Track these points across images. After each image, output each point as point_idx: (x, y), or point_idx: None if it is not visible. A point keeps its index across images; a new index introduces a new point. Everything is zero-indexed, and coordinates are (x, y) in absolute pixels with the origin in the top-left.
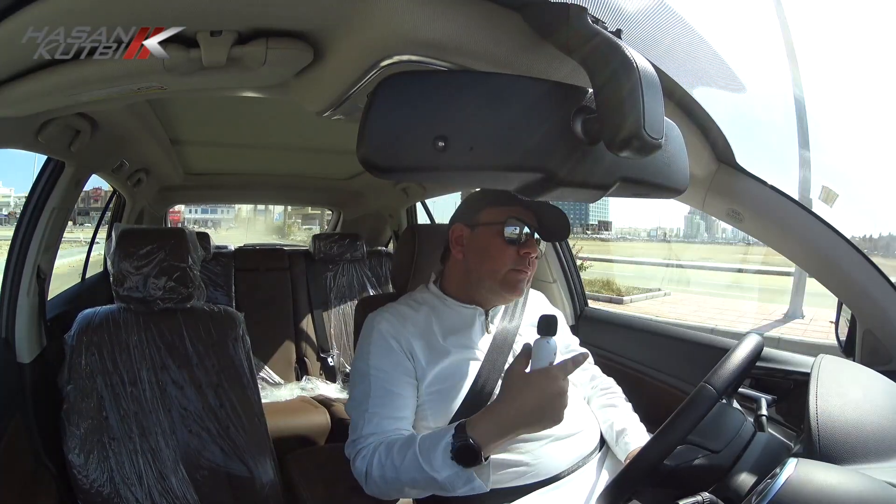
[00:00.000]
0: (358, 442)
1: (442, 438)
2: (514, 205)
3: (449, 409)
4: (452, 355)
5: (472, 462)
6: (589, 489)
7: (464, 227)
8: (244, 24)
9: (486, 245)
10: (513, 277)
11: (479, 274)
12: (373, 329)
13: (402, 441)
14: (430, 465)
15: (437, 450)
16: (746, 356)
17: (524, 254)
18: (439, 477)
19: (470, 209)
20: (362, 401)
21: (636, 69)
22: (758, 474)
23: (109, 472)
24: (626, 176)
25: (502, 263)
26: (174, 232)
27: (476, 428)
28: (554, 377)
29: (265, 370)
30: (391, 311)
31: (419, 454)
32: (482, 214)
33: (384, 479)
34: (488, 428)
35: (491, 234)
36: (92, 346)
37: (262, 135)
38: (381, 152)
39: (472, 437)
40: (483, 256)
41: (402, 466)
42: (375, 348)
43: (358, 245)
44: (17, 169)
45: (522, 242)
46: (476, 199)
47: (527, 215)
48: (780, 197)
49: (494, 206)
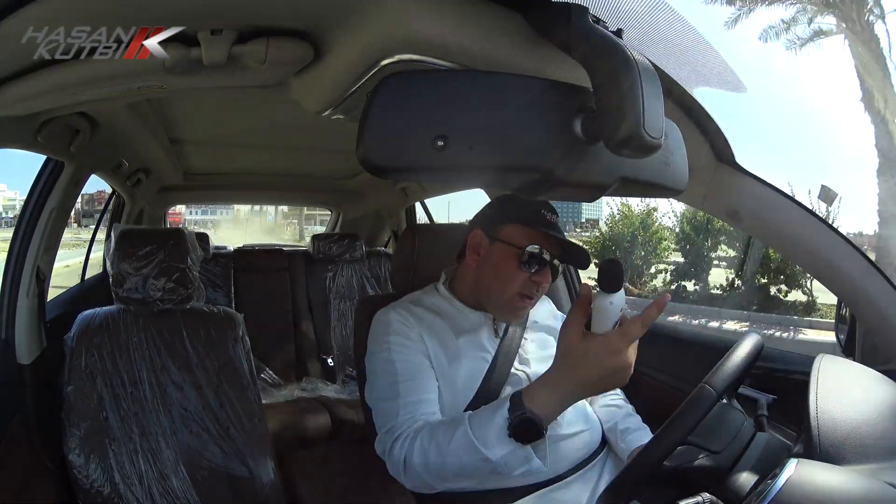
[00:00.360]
0: (395, 429)
1: (495, 413)
2: (539, 227)
3: (455, 409)
4: (465, 356)
5: (531, 438)
6: (591, 489)
7: (483, 236)
8: (244, 23)
9: (501, 264)
10: (517, 303)
11: (488, 289)
12: (388, 322)
13: (448, 421)
14: (484, 443)
15: (492, 426)
16: (746, 356)
17: (535, 282)
18: (494, 456)
19: (493, 219)
20: (389, 389)
21: (636, 68)
22: (758, 475)
23: (109, 472)
24: (626, 175)
25: (512, 287)
26: (173, 232)
27: (535, 399)
28: (617, 350)
29: (265, 371)
30: (402, 306)
31: (471, 431)
32: (505, 230)
33: (426, 467)
34: (549, 399)
35: (508, 254)
36: (92, 347)
37: (262, 135)
38: (381, 152)
39: (532, 410)
40: (495, 274)
41: (449, 449)
42: (395, 337)
43: (357, 245)
44: (27, 172)
45: (536, 270)
46: (502, 210)
47: (548, 242)
48: (779, 196)
49: (519, 224)
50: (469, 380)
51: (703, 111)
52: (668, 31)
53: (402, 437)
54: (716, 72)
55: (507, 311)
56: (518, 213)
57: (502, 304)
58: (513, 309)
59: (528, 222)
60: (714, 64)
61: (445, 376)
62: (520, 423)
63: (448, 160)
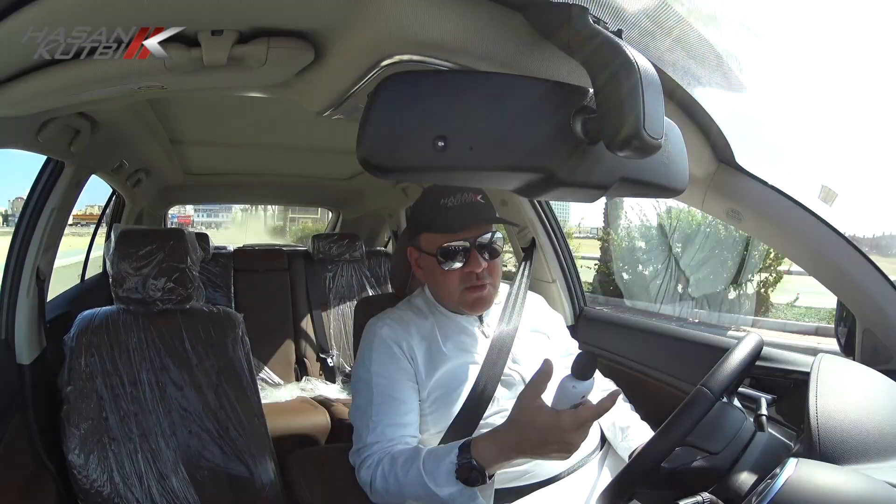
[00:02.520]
0: (362, 451)
1: (446, 457)
2: (440, 228)
3: (449, 414)
4: (452, 360)
5: (475, 482)
6: (589, 489)
7: (415, 251)
8: (245, 23)
9: (432, 272)
10: (468, 297)
11: (440, 295)
12: (374, 335)
13: (407, 455)
14: (433, 481)
15: (441, 467)
16: (744, 357)
17: (468, 272)
18: (442, 494)
19: (412, 233)
20: (365, 408)
21: (637, 69)
22: (758, 474)
23: (109, 472)
24: (626, 176)
25: (452, 288)
26: (173, 233)
27: (480, 450)
28: (564, 429)
29: (265, 371)
30: (393, 316)
31: (423, 471)
32: (421, 240)
33: (388, 492)
34: (492, 452)
35: (432, 262)
36: (91, 347)
37: (262, 135)
38: (381, 152)
39: (475, 458)
40: (434, 281)
41: (405, 481)
42: (377, 354)
43: (357, 245)
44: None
45: (465, 263)
46: (414, 221)
47: (457, 234)
48: (779, 196)
49: (427, 231)
50: (459, 383)
51: (703, 111)
52: (668, 31)
53: (367, 461)
54: (716, 72)
55: (467, 308)
56: (425, 219)
57: (458, 303)
58: (469, 303)
59: (432, 226)
60: (714, 64)
61: (436, 381)
62: (463, 469)
63: (448, 161)
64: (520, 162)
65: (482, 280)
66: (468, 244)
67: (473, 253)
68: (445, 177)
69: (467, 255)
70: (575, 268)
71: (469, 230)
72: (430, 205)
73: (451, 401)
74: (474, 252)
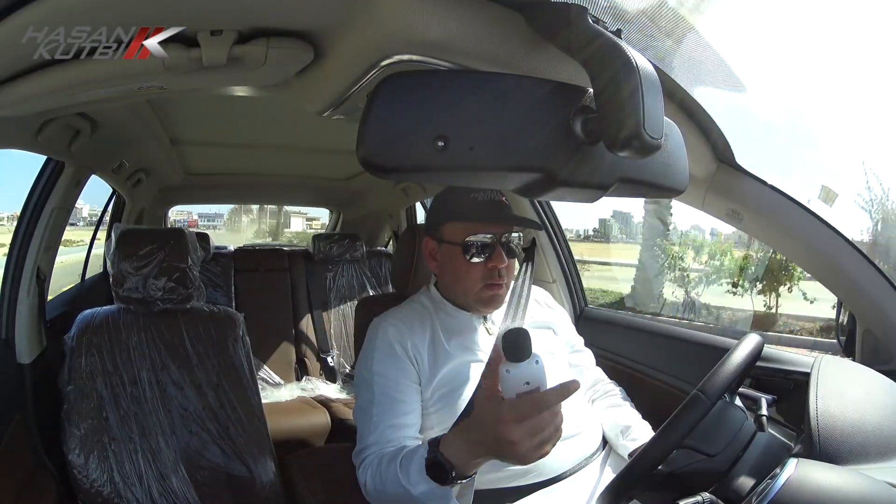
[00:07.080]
0: (362, 452)
1: (417, 452)
2: (472, 218)
3: (453, 412)
4: (455, 359)
5: (446, 479)
6: (590, 490)
7: (432, 241)
8: (245, 23)
9: (454, 263)
10: (486, 294)
11: (454, 289)
12: (377, 335)
13: (391, 454)
14: (407, 479)
15: (413, 463)
16: (743, 359)
17: (491, 268)
18: (415, 492)
19: (434, 222)
20: (367, 409)
21: (637, 69)
22: (758, 474)
23: (109, 472)
24: (626, 176)
25: (473, 282)
26: (173, 232)
27: (448, 445)
28: (501, 420)
29: (265, 370)
30: (397, 315)
31: (398, 468)
32: (444, 230)
33: (377, 492)
34: (459, 447)
35: (455, 253)
36: (92, 346)
37: (262, 135)
38: (381, 152)
39: (443, 454)
40: (453, 274)
41: (387, 480)
42: (379, 354)
43: (358, 245)
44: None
45: (488, 256)
46: (438, 211)
47: (487, 226)
48: (780, 196)
49: (454, 221)
50: (464, 381)
51: (703, 111)
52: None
53: (364, 461)
54: (716, 72)
55: (481, 304)
56: (451, 209)
57: (473, 299)
58: (485, 299)
59: (461, 216)
60: (714, 64)
61: (440, 379)
62: (431, 465)
63: (448, 160)
64: (520, 162)
65: (502, 278)
66: (494, 239)
67: (498, 249)
68: (446, 177)
69: (492, 250)
70: (575, 268)
71: (496, 226)
72: (459, 196)
73: (455, 399)
74: (499, 248)
